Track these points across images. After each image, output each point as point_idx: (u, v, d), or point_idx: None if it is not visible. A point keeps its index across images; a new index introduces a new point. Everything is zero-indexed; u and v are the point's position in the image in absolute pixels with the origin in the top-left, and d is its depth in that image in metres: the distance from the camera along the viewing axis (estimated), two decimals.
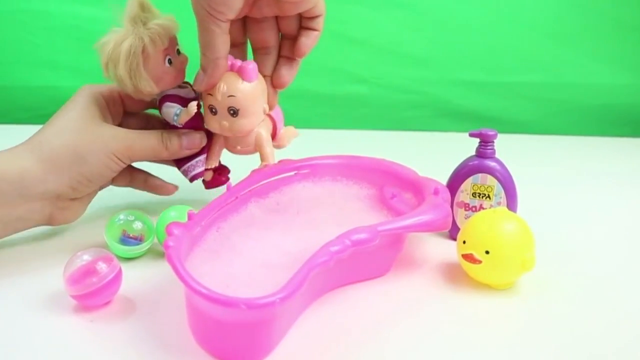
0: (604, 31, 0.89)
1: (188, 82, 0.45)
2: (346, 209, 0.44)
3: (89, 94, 0.44)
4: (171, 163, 0.49)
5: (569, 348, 0.33)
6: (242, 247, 0.38)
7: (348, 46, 0.84)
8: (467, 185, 0.45)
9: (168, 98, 0.44)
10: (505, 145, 0.49)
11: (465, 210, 0.45)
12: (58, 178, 0.41)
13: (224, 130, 0.42)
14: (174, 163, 0.48)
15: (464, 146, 0.48)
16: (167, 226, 0.35)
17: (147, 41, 0.40)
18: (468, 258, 0.38)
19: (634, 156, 0.80)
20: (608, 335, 0.34)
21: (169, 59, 0.42)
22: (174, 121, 0.43)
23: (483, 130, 0.45)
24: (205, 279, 0.31)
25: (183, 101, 0.44)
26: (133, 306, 0.37)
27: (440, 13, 0.84)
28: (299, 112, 0.46)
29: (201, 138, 0.46)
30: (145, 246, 0.42)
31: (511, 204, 0.45)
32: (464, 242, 0.39)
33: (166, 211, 0.43)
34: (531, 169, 0.67)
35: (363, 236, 0.35)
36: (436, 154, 0.46)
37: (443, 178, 0.46)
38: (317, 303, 0.37)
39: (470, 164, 0.45)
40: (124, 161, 0.43)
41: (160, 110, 0.45)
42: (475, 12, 0.87)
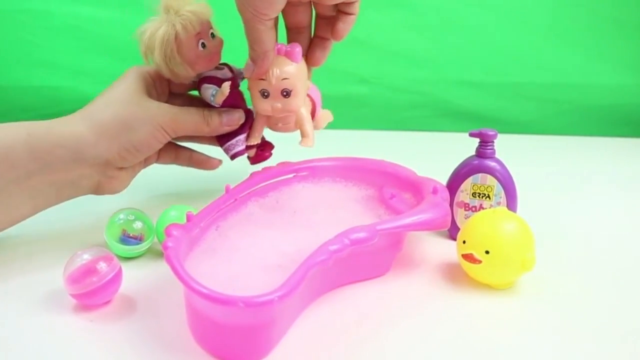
0: (605, 31, 0.88)
1: (225, 63, 0.48)
2: (345, 209, 0.44)
3: (137, 72, 0.46)
4: (214, 142, 0.51)
5: (569, 348, 0.33)
6: (241, 246, 0.38)
7: (348, 46, 0.84)
8: (467, 185, 0.45)
9: (206, 80, 0.46)
10: (505, 145, 0.49)
11: (465, 210, 0.45)
12: (108, 145, 0.42)
13: (277, 111, 0.44)
14: (217, 142, 0.50)
15: (464, 146, 0.48)
16: (167, 227, 0.35)
17: (179, 28, 0.42)
18: (468, 258, 0.38)
19: (635, 156, 0.80)
20: (608, 335, 0.34)
21: (202, 43, 0.44)
22: (212, 101, 0.46)
23: (483, 130, 0.45)
24: (204, 279, 0.31)
25: (220, 82, 0.46)
26: (133, 306, 0.37)
27: (440, 13, 0.84)
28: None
29: (240, 116, 0.47)
30: (145, 246, 0.42)
31: (511, 204, 0.45)
32: (464, 242, 0.39)
33: (166, 211, 0.43)
34: (531, 169, 0.67)
35: (362, 235, 0.35)
36: (436, 154, 0.46)
37: (443, 178, 0.46)
38: (317, 303, 0.37)
39: (470, 164, 0.45)
40: (170, 133, 0.45)
41: (199, 91, 0.47)
42: (475, 12, 0.87)
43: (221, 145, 0.49)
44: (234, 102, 0.47)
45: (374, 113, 0.88)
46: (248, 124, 0.48)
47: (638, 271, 0.43)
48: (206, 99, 0.46)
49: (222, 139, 0.49)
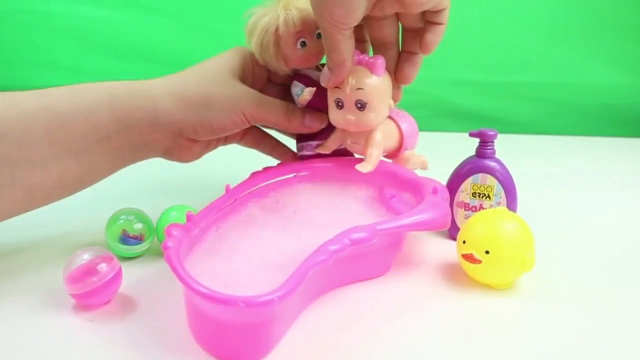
0: (604, 31, 0.89)
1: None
2: (345, 209, 0.44)
3: (237, 52, 0.45)
4: (292, 135, 0.50)
5: (569, 348, 0.33)
6: (241, 246, 0.38)
7: None
8: (467, 185, 0.45)
9: (298, 77, 0.46)
10: (505, 145, 0.50)
11: (465, 210, 0.45)
12: (184, 116, 0.42)
13: (349, 124, 0.42)
14: (294, 135, 0.49)
15: (464, 146, 0.48)
16: (167, 228, 0.35)
17: (281, 21, 0.41)
18: (468, 258, 0.38)
19: (634, 156, 0.80)
20: (608, 335, 0.34)
21: (303, 42, 0.43)
22: (296, 100, 0.45)
23: (483, 130, 0.45)
24: (204, 278, 0.31)
25: (312, 83, 0.45)
26: (133, 305, 0.37)
27: None
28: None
29: (322, 121, 0.46)
30: (145, 246, 0.42)
31: (511, 204, 0.45)
32: (464, 242, 0.39)
33: (166, 211, 0.43)
34: (531, 169, 0.67)
35: (362, 235, 0.35)
36: (436, 154, 0.46)
37: (443, 178, 0.46)
38: (317, 303, 0.37)
39: (470, 164, 0.45)
40: (249, 120, 0.44)
41: (289, 86, 0.46)
42: (475, 12, 0.87)
43: (296, 140, 0.49)
44: (321, 107, 0.45)
45: None
46: (328, 132, 0.47)
47: (638, 271, 0.43)
48: (293, 96, 0.46)
49: (299, 135, 0.48)
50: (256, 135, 0.51)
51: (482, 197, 0.45)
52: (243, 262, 0.36)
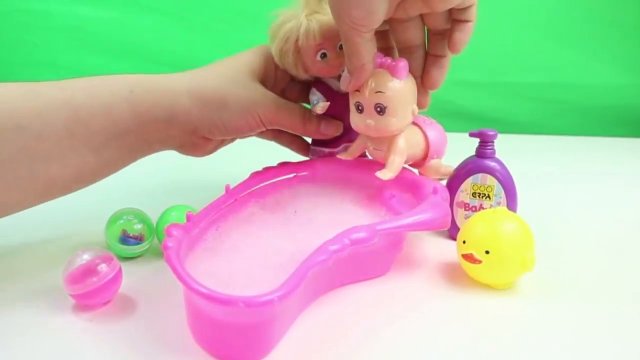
0: (604, 31, 0.89)
1: None
2: (345, 209, 0.44)
3: (261, 52, 0.45)
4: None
5: (569, 348, 0.33)
6: (241, 246, 0.38)
7: None
8: (467, 185, 0.45)
9: (317, 84, 0.45)
10: (505, 145, 0.50)
11: (465, 210, 0.45)
12: (200, 115, 0.42)
13: (369, 129, 0.40)
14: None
15: (464, 146, 0.48)
16: (167, 228, 0.35)
17: (302, 32, 0.41)
18: (468, 258, 0.38)
19: (634, 156, 0.80)
20: (608, 335, 0.34)
21: (323, 54, 0.42)
22: (311, 107, 0.45)
23: (483, 130, 0.45)
24: (204, 278, 0.31)
25: (330, 92, 0.45)
26: (133, 306, 0.36)
27: None
28: None
29: (338, 128, 0.46)
30: (145, 246, 0.42)
31: (511, 204, 0.45)
32: (464, 242, 0.39)
33: (166, 211, 0.43)
34: (531, 169, 0.67)
35: (362, 235, 0.35)
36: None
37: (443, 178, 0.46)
38: (317, 303, 0.37)
39: (470, 164, 0.45)
40: (265, 123, 0.44)
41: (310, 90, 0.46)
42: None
43: (312, 142, 0.49)
44: (337, 114, 0.46)
45: None
46: (343, 140, 0.47)
47: (638, 271, 0.43)
48: (310, 102, 0.45)
49: (314, 139, 0.49)
50: (274, 130, 0.50)
51: (482, 197, 0.45)
52: (243, 262, 0.36)
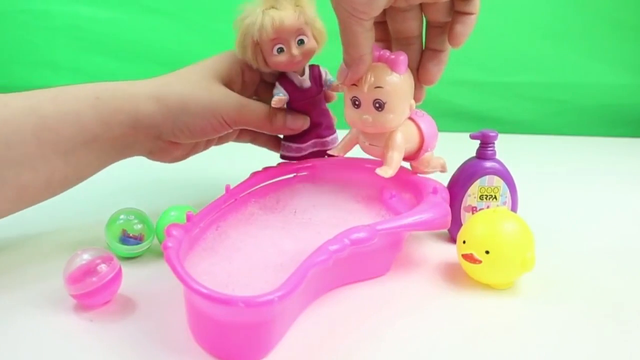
0: (604, 31, 0.89)
1: (317, 68, 0.46)
2: (345, 209, 0.44)
3: (227, 56, 0.45)
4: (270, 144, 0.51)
5: (570, 348, 0.33)
6: (241, 246, 0.38)
7: None
8: (475, 188, 0.44)
9: (282, 79, 0.45)
10: (505, 145, 0.49)
11: (472, 213, 0.45)
12: (163, 119, 0.42)
13: (366, 125, 0.39)
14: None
15: (464, 146, 0.48)
16: (166, 228, 0.35)
17: (256, 27, 0.41)
18: (468, 258, 0.38)
19: (634, 156, 0.80)
20: (609, 335, 0.34)
21: (280, 48, 0.42)
22: (272, 101, 0.44)
23: (484, 131, 0.44)
24: (204, 278, 0.31)
25: (294, 87, 0.45)
26: (133, 305, 0.36)
27: None
28: None
29: (304, 123, 0.46)
30: (145, 246, 0.42)
31: (513, 204, 0.45)
32: (464, 242, 0.39)
33: (166, 211, 0.43)
34: (531, 169, 0.67)
35: (362, 235, 0.35)
36: (436, 154, 0.46)
37: (442, 178, 0.46)
38: (317, 303, 0.37)
39: (474, 167, 0.44)
40: (229, 124, 0.44)
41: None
42: None
43: (282, 138, 0.49)
44: (302, 109, 0.46)
45: None
46: (312, 136, 0.47)
47: (638, 270, 0.43)
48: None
49: (285, 136, 0.49)
50: (250, 133, 0.51)
51: (489, 199, 0.45)
52: (243, 262, 0.36)
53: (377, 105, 0.38)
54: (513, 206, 0.45)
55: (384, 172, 0.39)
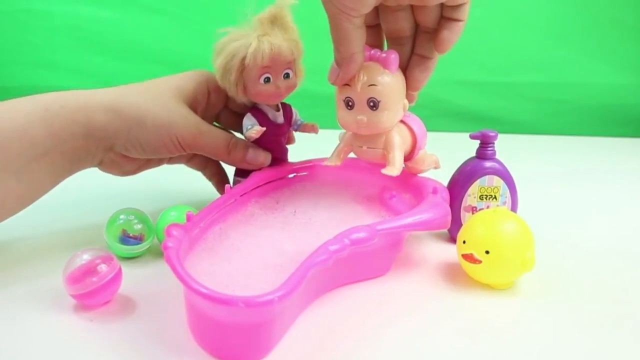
0: (604, 31, 0.89)
1: (289, 107, 0.45)
2: (345, 209, 0.44)
3: (195, 76, 0.44)
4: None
5: (570, 348, 0.33)
6: (241, 246, 0.38)
7: None
8: (475, 188, 0.44)
9: (254, 110, 0.44)
10: (505, 145, 0.50)
11: (472, 213, 0.45)
12: (117, 131, 0.41)
13: (361, 126, 0.39)
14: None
15: (464, 146, 0.48)
16: (166, 228, 0.35)
17: (250, 51, 0.39)
18: (468, 258, 0.38)
19: (634, 156, 0.80)
20: (608, 335, 0.34)
21: (266, 78, 0.41)
22: (244, 133, 0.43)
23: (484, 131, 0.45)
24: (204, 278, 0.31)
25: (267, 121, 0.43)
26: (133, 306, 0.37)
27: None
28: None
29: (265, 160, 0.45)
30: (145, 246, 0.42)
31: (514, 204, 0.45)
32: (464, 242, 0.39)
33: (166, 211, 0.43)
34: (531, 169, 0.67)
35: (362, 235, 0.35)
36: (436, 154, 0.46)
37: (442, 178, 0.46)
38: (317, 303, 0.37)
39: (474, 167, 0.45)
40: (184, 147, 0.43)
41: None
42: (475, 12, 0.86)
43: (235, 173, 0.47)
44: (268, 146, 0.45)
45: None
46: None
47: (638, 271, 0.43)
48: (243, 128, 0.43)
49: (239, 169, 0.47)
50: (202, 159, 0.49)
51: (489, 199, 0.45)
52: (243, 262, 0.36)
53: (372, 104, 0.38)
54: (513, 206, 0.45)
55: (391, 172, 0.39)
